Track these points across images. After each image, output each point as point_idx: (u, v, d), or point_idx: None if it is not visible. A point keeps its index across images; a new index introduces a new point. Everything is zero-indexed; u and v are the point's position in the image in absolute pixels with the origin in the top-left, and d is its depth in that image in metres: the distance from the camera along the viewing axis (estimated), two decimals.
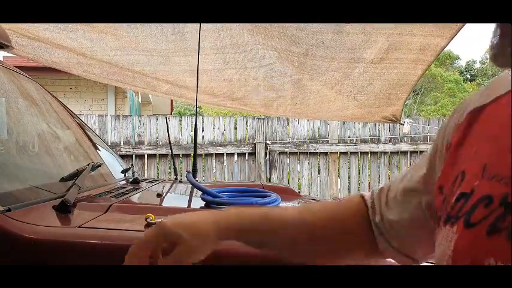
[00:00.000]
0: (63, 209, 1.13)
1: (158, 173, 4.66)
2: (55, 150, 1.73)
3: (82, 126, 2.19)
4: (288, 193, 1.87)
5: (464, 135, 0.51)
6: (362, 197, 0.70)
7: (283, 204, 1.43)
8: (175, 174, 2.50)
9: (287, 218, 0.71)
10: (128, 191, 1.51)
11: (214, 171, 4.76)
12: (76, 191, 1.25)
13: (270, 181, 4.73)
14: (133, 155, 4.59)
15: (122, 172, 1.95)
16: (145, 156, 4.62)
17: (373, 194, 0.69)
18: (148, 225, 1.07)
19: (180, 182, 2.01)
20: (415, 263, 0.65)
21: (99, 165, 1.67)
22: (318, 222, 0.68)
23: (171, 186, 1.86)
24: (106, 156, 2.15)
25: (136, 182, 1.77)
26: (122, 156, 4.58)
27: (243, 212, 0.72)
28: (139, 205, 1.28)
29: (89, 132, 2.21)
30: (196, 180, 2.38)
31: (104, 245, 0.97)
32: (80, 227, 1.03)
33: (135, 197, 1.42)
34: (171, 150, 2.55)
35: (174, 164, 2.51)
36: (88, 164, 1.49)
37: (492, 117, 0.48)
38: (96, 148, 2.16)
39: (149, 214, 1.09)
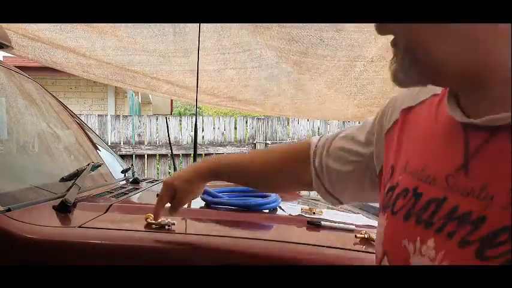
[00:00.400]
0: (63, 209, 1.13)
1: (158, 173, 4.66)
2: (55, 150, 1.73)
3: (82, 126, 2.19)
4: (288, 193, 1.87)
5: (399, 133, 0.58)
6: (310, 141, 0.82)
7: (283, 205, 1.43)
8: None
9: (254, 159, 0.92)
10: (128, 191, 1.51)
11: None
12: (76, 191, 1.25)
13: None
14: (133, 155, 4.58)
15: (121, 172, 1.95)
16: (145, 156, 4.62)
17: (319, 141, 0.80)
18: (148, 225, 1.07)
19: None
20: (339, 204, 0.83)
21: (99, 165, 1.67)
22: (271, 160, 0.87)
23: None
24: (106, 156, 2.15)
25: (136, 182, 1.77)
26: (122, 156, 4.58)
27: (227, 158, 0.97)
28: (140, 205, 1.28)
29: (88, 132, 2.21)
30: None
31: (104, 245, 0.97)
32: (80, 227, 1.03)
33: (135, 197, 1.42)
34: (171, 150, 2.55)
35: (174, 164, 2.51)
36: (88, 164, 1.49)
37: (416, 118, 0.56)
38: (96, 148, 2.16)
39: (149, 214, 1.09)
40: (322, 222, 1.25)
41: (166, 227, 1.06)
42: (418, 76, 0.46)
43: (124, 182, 1.80)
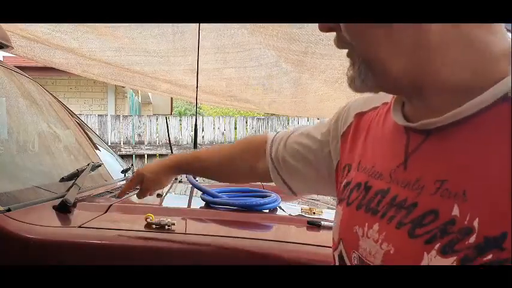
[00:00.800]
0: (63, 209, 1.13)
1: None
2: (55, 150, 1.73)
3: (82, 126, 2.19)
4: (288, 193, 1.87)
5: (353, 136, 0.66)
6: (267, 135, 0.87)
7: (283, 204, 1.43)
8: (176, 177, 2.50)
9: (214, 152, 0.99)
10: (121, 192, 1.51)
11: None
12: (76, 191, 1.25)
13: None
14: (134, 155, 4.58)
15: (121, 172, 1.95)
16: (145, 156, 4.62)
17: (276, 135, 0.86)
18: (148, 225, 1.07)
19: (180, 182, 2.01)
20: (294, 195, 0.87)
21: (99, 165, 1.68)
22: (228, 152, 0.94)
23: (171, 186, 1.86)
24: (106, 156, 2.15)
25: None
26: (122, 156, 4.58)
27: (191, 153, 1.03)
28: (139, 205, 1.28)
29: (88, 132, 2.21)
30: (196, 180, 2.38)
31: (104, 245, 0.97)
32: (80, 227, 1.03)
33: (135, 197, 1.42)
34: (171, 150, 2.55)
35: None
36: (88, 164, 1.49)
37: (367, 122, 0.63)
38: (96, 148, 2.16)
39: (149, 214, 1.10)
40: (322, 222, 1.25)
41: (166, 227, 1.06)
42: (372, 83, 0.51)
43: (124, 182, 1.80)
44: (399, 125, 0.54)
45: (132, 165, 2.09)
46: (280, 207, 1.39)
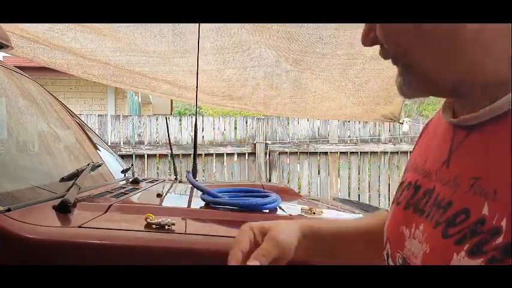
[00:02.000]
0: (63, 209, 1.13)
1: (158, 173, 4.66)
2: (55, 150, 1.73)
3: (82, 126, 2.19)
4: (288, 193, 1.87)
5: (418, 142, 0.66)
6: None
7: (283, 204, 1.43)
8: (175, 174, 2.50)
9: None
10: (127, 191, 1.51)
11: (214, 171, 4.76)
12: (76, 191, 1.25)
13: (270, 181, 4.72)
14: (134, 155, 4.59)
15: (121, 172, 1.95)
16: (145, 156, 4.62)
17: None
18: (148, 225, 1.07)
19: (180, 182, 2.01)
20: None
21: (99, 165, 1.68)
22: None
23: (171, 186, 1.86)
24: (106, 156, 2.15)
25: (136, 182, 1.77)
26: (122, 156, 4.58)
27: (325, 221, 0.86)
28: (139, 205, 1.28)
29: (88, 132, 2.21)
30: (196, 180, 2.38)
31: (103, 245, 0.97)
32: (80, 227, 1.03)
33: (135, 197, 1.42)
34: (171, 150, 2.55)
35: (174, 164, 2.51)
36: (88, 164, 1.49)
37: (429, 126, 0.64)
38: (96, 148, 2.16)
39: (149, 214, 1.10)
40: None
41: (166, 227, 1.06)
42: (416, 88, 0.52)
43: (124, 182, 1.80)
44: (448, 123, 0.54)
45: (132, 165, 2.09)
46: (280, 207, 1.39)
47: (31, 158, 1.50)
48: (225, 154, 4.76)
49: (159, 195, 1.46)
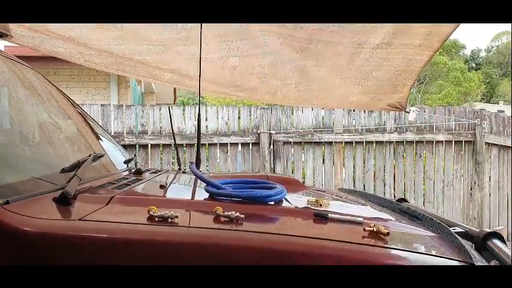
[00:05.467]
0: (64, 201, 1.10)
1: (162, 163, 4.64)
2: (56, 141, 1.70)
3: (84, 116, 2.16)
4: (293, 184, 1.83)
5: None
6: None
7: (288, 196, 1.39)
8: (179, 165, 2.47)
9: None
10: (130, 182, 1.48)
11: (218, 160, 4.74)
12: (77, 182, 1.22)
13: (274, 171, 4.69)
14: (137, 145, 4.56)
15: (124, 162, 1.92)
16: (149, 146, 4.60)
17: None
18: (151, 218, 1.04)
19: (184, 172, 1.98)
20: None
21: (101, 156, 1.65)
22: None
23: (175, 177, 1.83)
24: (108, 146, 2.12)
25: (139, 172, 1.74)
26: (125, 146, 4.56)
27: None
28: (142, 197, 1.25)
29: (91, 122, 2.18)
30: (200, 171, 2.35)
31: (104, 238, 0.95)
32: (80, 219, 1.00)
33: (137, 189, 1.39)
34: (174, 141, 2.52)
35: (177, 155, 2.48)
36: (90, 155, 1.46)
37: None
38: (98, 138, 2.13)
39: (152, 207, 1.06)
40: (329, 215, 1.22)
41: (169, 219, 1.03)
42: None
43: (127, 172, 1.77)
44: None
45: (135, 155, 2.06)
46: (286, 199, 1.36)
47: (31, 148, 1.47)
48: (228, 144, 4.73)
49: (162, 187, 1.43)
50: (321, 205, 1.32)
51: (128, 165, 1.92)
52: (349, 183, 4.90)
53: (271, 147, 4.72)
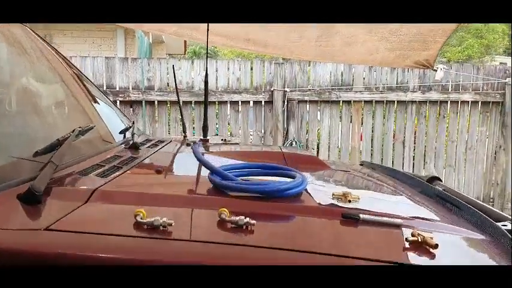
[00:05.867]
0: (30, 200, 0.88)
1: (169, 120, 4.41)
2: (39, 110, 1.46)
3: (79, 77, 1.91)
4: (312, 163, 1.59)
5: None
6: None
7: (310, 185, 1.15)
8: (184, 131, 2.24)
9: None
10: (121, 163, 1.25)
11: (228, 117, 4.49)
12: (51, 171, 0.99)
13: (287, 133, 4.44)
14: (143, 101, 4.32)
15: (120, 132, 1.68)
16: (156, 102, 4.35)
17: None
18: (138, 225, 0.82)
19: (188, 145, 1.74)
20: None
21: (89, 129, 1.41)
22: None
23: (176, 152, 1.60)
24: (105, 112, 1.88)
25: (135, 147, 1.50)
26: (131, 103, 4.32)
27: None
28: (131, 191, 1.02)
29: (86, 84, 1.93)
30: (203, 154, 2.12)
31: (75, 257, 0.73)
32: (47, 229, 0.78)
33: (127, 176, 1.16)
34: (178, 100, 2.27)
35: (182, 121, 2.24)
36: (73, 131, 1.22)
37: None
38: (94, 104, 1.89)
39: (139, 210, 0.84)
40: (361, 215, 0.99)
41: (161, 228, 0.81)
42: None
43: (122, 147, 1.53)
44: None
45: (133, 122, 1.82)
46: (306, 191, 1.12)
47: (5, 121, 1.24)
48: (240, 102, 4.45)
49: (158, 172, 1.20)
50: (350, 201, 1.08)
51: (124, 136, 1.69)
52: (366, 145, 4.64)
53: (285, 106, 4.44)
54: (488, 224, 1.21)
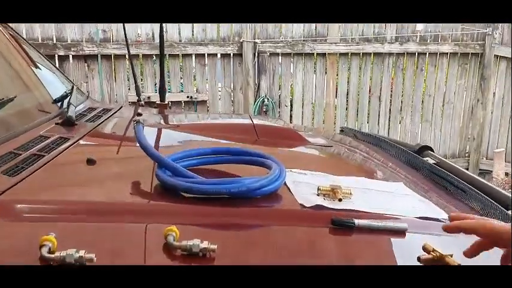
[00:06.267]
0: None
1: (129, 78, 4.02)
2: None
3: (15, 37, 1.55)
4: (287, 137, 1.34)
5: None
6: None
7: (289, 176, 0.90)
8: (138, 95, 1.93)
9: None
10: (43, 150, 0.96)
11: (194, 71, 4.13)
12: None
13: (259, 88, 4.13)
14: (99, 55, 3.90)
15: (54, 102, 1.37)
16: (113, 56, 3.94)
17: None
18: (42, 260, 0.56)
19: (140, 114, 1.45)
20: None
21: (7, 102, 1.10)
22: None
23: (124, 128, 1.30)
24: (37, 76, 1.55)
25: (69, 123, 1.20)
26: (85, 57, 3.90)
27: None
28: (40, 202, 0.74)
29: (23, 45, 1.58)
30: (165, 107, 1.82)
31: None
32: None
33: (46, 171, 0.87)
34: (132, 64, 1.94)
35: (135, 81, 1.93)
36: None
37: None
38: (24, 64, 1.55)
39: (47, 238, 0.57)
40: (356, 221, 0.75)
41: (76, 263, 0.55)
42: None
43: (52, 124, 1.22)
44: None
45: (72, 87, 1.50)
46: (285, 185, 0.87)
47: None
48: (206, 55, 4.09)
49: (90, 162, 0.92)
50: (340, 199, 0.84)
51: (61, 105, 1.37)
52: (341, 100, 4.41)
53: (256, 59, 4.11)
54: (490, 205, 1.03)
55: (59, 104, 1.38)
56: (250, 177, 0.81)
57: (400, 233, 0.78)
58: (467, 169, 4.06)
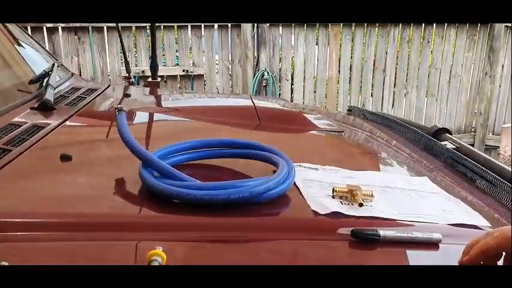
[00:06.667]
0: None
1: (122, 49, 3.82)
2: None
3: None
4: (293, 121, 1.20)
5: None
6: None
7: (299, 174, 0.77)
8: (128, 72, 1.77)
9: None
10: (11, 143, 0.82)
11: (190, 44, 3.94)
12: None
13: (258, 61, 3.94)
14: (90, 28, 3.70)
15: (29, 83, 1.22)
16: (105, 28, 3.73)
17: None
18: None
19: (128, 96, 1.30)
20: None
21: None
22: None
23: (110, 118, 1.16)
24: (17, 52, 1.39)
25: (47, 107, 1.05)
26: (76, 30, 3.70)
27: None
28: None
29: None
30: (157, 85, 1.66)
31: None
32: None
33: (6, 173, 0.73)
34: (120, 36, 1.78)
35: (125, 56, 1.77)
36: None
37: None
38: (2, 39, 1.39)
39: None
40: (381, 232, 0.63)
41: None
42: None
43: (27, 109, 1.07)
44: None
45: (53, 65, 1.34)
46: (294, 184, 0.74)
47: None
48: (202, 26, 3.88)
49: (64, 158, 0.78)
50: (361, 204, 0.70)
51: (41, 85, 1.22)
52: (344, 73, 4.23)
53: (255, 30, 3.91)
54: None
55: (39, 85, 1.24)
56: (253, 180, 0.68)
57: (433, 245, 0.65)
58: (472, 145, 3.94)
